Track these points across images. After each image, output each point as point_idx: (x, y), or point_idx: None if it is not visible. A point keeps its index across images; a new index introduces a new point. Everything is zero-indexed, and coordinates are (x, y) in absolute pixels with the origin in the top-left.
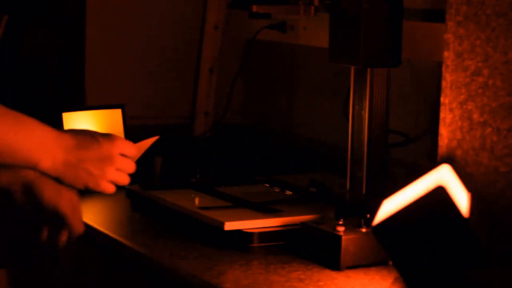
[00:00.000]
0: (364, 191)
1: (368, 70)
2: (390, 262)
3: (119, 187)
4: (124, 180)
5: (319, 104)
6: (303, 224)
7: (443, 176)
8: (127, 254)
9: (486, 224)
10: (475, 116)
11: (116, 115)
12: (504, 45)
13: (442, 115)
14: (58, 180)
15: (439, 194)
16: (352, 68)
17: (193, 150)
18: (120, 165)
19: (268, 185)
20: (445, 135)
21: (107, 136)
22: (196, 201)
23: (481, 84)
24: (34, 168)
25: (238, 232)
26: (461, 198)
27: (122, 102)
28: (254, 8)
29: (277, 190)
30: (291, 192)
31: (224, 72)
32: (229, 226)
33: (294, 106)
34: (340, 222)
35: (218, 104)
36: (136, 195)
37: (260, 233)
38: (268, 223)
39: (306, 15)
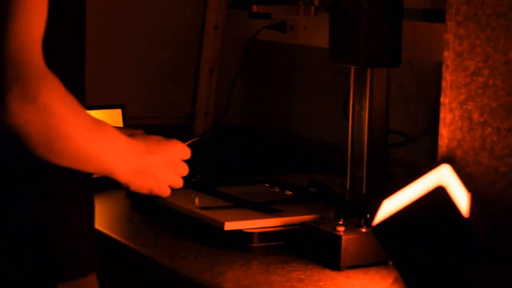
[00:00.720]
0: (364, 191)
1: (368, 70)
2: (390, 262)
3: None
4: (180, 183)
5: (319, 104)
6: (303, 224)
7: (443, 176)
8: (127, 254)
9: (486, 224)
10: (475, 116)
11: (116, 115)
12: (504, 45)
13: (442, 115)
14: (126, 186)
15: (439, 194)
16: (352, 68)
17: (193, 150)
18: (180, 169)
19: (268, 185)
20: (445, 135)
21: (170, 141)
22: (196, 201)
23: (481, 84)
24: (108, 176)
25: (238, 232)
26: (461, 198)
27: (122, 102)
28: (254, 8)
29: (277, 190)
30: (291, 192)
31: (224, 72)
32: (229, 226)
33: (294, 106)
34: (340, 222)
35: (218, 104)
36: (136, 195)
37: (260, 233)
38: (268, 223)
39: (306, 15)
